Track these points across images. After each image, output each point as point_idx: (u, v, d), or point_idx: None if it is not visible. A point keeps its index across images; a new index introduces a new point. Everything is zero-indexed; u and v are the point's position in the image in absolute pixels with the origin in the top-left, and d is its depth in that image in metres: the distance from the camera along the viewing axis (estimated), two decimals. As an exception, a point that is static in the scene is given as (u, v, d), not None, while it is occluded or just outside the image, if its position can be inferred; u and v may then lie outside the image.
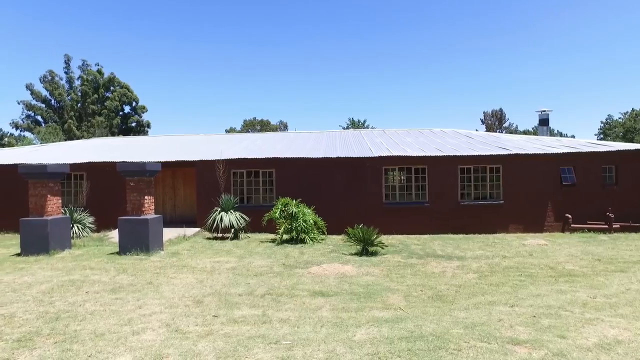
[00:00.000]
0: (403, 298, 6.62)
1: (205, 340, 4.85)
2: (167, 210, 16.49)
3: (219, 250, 11.12)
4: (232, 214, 12.93)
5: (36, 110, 51.13)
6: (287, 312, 5.91)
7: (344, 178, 14.57)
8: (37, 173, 10.70)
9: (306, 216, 12.36)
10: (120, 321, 5.51)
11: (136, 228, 10.27)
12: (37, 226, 10.46)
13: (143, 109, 56.78)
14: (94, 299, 6.52)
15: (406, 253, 10.65)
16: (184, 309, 6.04)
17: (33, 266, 9.13)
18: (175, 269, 8.70)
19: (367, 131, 23.57)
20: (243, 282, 7.62)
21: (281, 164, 14.74)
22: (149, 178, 10.78)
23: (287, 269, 8.76)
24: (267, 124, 71.93)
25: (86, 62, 53.92)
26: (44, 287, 7.26)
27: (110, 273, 8.33)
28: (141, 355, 4.42)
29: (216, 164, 14.36)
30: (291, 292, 6.93)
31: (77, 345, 4.70)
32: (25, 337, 5.01)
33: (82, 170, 15.30)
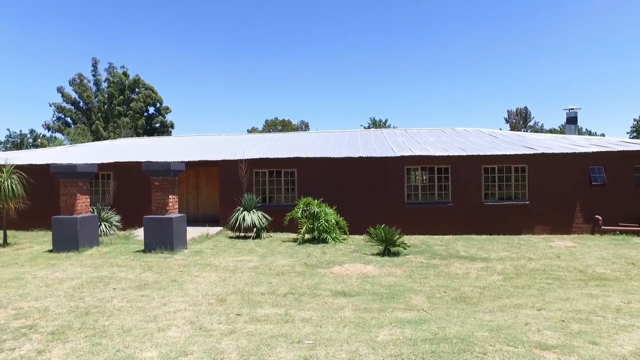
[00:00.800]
0: (426, 299, 6.54)
1: (229, 338, 4.90)
2: (190, 209, 16.75)
3: (242, 249, 11.23)
4: (254, 213, 13.04)
5: (66, 112, 52.78)
6: (309, 311, 5.92)
7: (366, 178, 14.51)
8: (68, 173, 11.03)
9: (328, 216, 12.36)
10: (146, 317, 5.62)
11: (161, 227, 10.47)
12: (68, 224, 10.80)
13: (167, 110, 57.90)
14: (121, 296, 6.68)
15: (429, 254, 10.52)
16: (207, 307, 6.13)
17: (64, 262, 9.42)
18: (198, 268, 8.83)
19: (389, 131, 23.41)
20: (265, 281, 7.67)
21: (303, 164, 14.79)
22: (173, 178, 10.98)
23: (309, 269, 8.78)
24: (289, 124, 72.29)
25: (112, 64, 55.27)
26: (74, 283, 7.48)
27: (136, 270, 8.52)
28: (167, 352, 4.50)
29: (238, 163, 14.52)
30: (313, 292, 6.94)
31: (105, 340, 4.83)
32: (58, 330, 5.17)
33: (109, 169, 15.70)
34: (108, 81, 54.08)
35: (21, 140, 54.88)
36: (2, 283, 7.55)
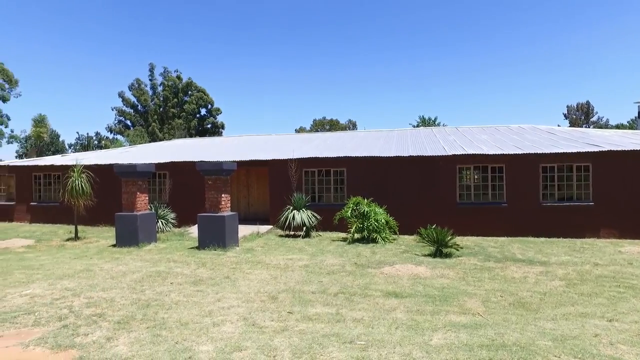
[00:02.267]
0: (481, 303, 6.29)
1: (281, 335, 4.96)
2: (241, 207, 17.18)
3: (292, 247, 11.37)
4: (304, 212, 13.15)
5: (126, 115, 55.90)
6: (360, 311, 5.88)
7: (416, 177, 14.21)
8: (129, 172, 11.66)
9: (378, 215, 12.22)
10: (201, 312, 5.82)
11: (214, 224, 10.81)
12: (129, 220, 11.42)
13: (218, 111, 59.78)
14: (178, 290, 6.96)
15: (482, 256, 10.13)
16: (259, 304, 6.24)
17: (126, 257, 9.98)
18: (250, 265, 9.03)
19: (440, 129, 22.80)
20: (316, 280, 7.71)
21: (352, 163, 14.73)
22: (225, 177, 11.30)
23: (360, 269, 8.72)
24: (336, 123, 72.37)
25: (167, 69, 57.81)
26: (135, 277, 7.89)
27: (191, 266, 8.85)
28: (222, 346, 4.63)
29: (288, 163, 14.71)
30: (364, 292, 6.89)
31: (165, 332, 5.05)
32: (123, 320, 5.48)
33: (165, 169, 16.42)
34: (163, 85, 56.68)
35: (88, 142, 58.79)
36: (75, 274, 8.13)
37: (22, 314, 5.77)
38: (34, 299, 6.48)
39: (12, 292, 6.84)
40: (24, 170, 18.77)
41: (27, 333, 5.09)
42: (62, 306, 6.09)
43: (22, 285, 7.35)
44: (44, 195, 18.49)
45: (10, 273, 8.33)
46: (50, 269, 8.71)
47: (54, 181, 18.20)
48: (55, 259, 9.90)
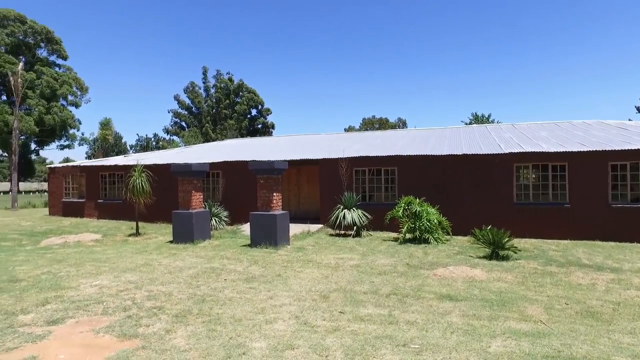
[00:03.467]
0: (544, 310, 5.92)
1: (333, 335, 4.94)
2: (291, 206, 17.38)
3: (342, 247, 11.33)
4: (355, 211, 13.08)
5: (181, 117, 58.36)
6: (413, 314, 5.73)
7: (470, 176, 13.69)
8: (185, 171, 12.14)
9: (430, 215, 11.90)
10: (254, 309, 5.92)
11: (265, 223, 10.99)
12: (185, 218, 11.89)
13: (268, 112, 60.95)
14: (231, 287, 7.13)
15: (543, 259, 9.56)
16: (311, 302, 6.26)
17: (182, 253, 10.39)
18: (301, 263, 9.09)
19: (495, 126, 21.84)
20: (367, 280, 7.62)
21: (403, 162, 14.45)
22: (276, 176, 11.46)
23: (412, 269, 8.53)
24: (386, 122, 71.49)
25: (219, 71, 59.73)
26: (191, 272, 8.19)
27: (244, 264, 9.05)
28: (274, 344, 4.67)
29: (338, 162, 14.69)
30: (417, 294, 6.72)
31: (220, 327, 5.18)
32: (180, 313, 5.70)
33: (219, 168, 16.94)
34: (215, 87, 58.61)
35: (147, 143, 62.09)
36: (137, 268, 8.58)
37: (93, 303, 6.17)
38: (102, 289, 6.90)
39: (84, 283, 7.34)
40: (93, 170, 20.12)
41: (97, 321, 5.43)
42: (126, 298, 6.43)
43: (92, 276, 7.86)
44: (109, 193, 19.72)
45: (82, 265, 8.94)
46: (115, 262, 9.25)
47: (117, 180, 19.36)
48: (119, 253, 10.50)
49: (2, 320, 5.51)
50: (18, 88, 28.64)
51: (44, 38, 51.61)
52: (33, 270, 8.48)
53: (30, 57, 50.09)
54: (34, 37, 50.87)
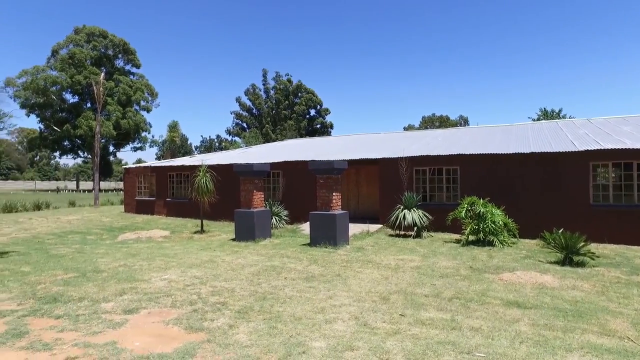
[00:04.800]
0: (630, 325, 5.39)
1: (393, 338, 4.84)
2: (350, 206, 17.34)
3: (402, 248, 11.12)
4: (415, 212, 12.79)
5: (242, 118, 60.38)
6: (478, 320, 5.47)
7: (539, 176, 12.86)
8: (246, 171, 12.52)
9: (495, 217, 11.33)
10: (314, 308, 5.95)
11: (325, 222, 11.05)
12: (246, 216, 12.26)
13: (326, 112, 61.35)
14: (291, 285, 7.24)
15: (627, 268, 8.74)
16: (371, 304, 6.19)
17: (244, 250, 10.73)
18: (360, 264, 9.03)
19: (566, 122, 20.35)
20: (428, 283, 7.41)
21: (466, 161, 13.90)
22: (336, 176, 11.48)
23: (475, 273, 8.17)
24: (446, 120, 69.32)
25: (279, 73, 61.11)
26: (252, 270, 8.43)
27: (304, 263, 9.15)
28: (334, 344, 4.67)
29: (398, 161, 14.43)
30: (481, 299, 6.41)
31: (280, 325, 5.27)
32: (242, 310, 5.87)
33: (278, 168, 17.30)
34: (275, 88, 59.98)
35: (210, 144, 64.96)
36: (202, 264, 8.98)
37: (163, 295, 6.54)
38: (171, 283, 7.30)
39: (155, 276, 7.81)
40: (162, 170, 21.40)
41: (167, 313, 5.75)
42: (192, 292, 6.75)
43: (161, 270, 8.34)
44: (177, 192, 20.86)
45: (153, 259, 9.53)
46: (182, 258, 9.75)
47: (184, 180, 20.43)
48: (186, 249, 11.05)
49: (89, 306, 6.02)
50: (100, 96, 31.22)
51: (121, 49, 55.89)
52: (112, 262, 9.17)
53: (110, 67, 54.47)
54: (113, 49, 55.25)
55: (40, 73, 49.14)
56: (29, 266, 8.91)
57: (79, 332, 5.05)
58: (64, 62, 50.67)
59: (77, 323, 5.34)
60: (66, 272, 8.23)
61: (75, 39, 52.47)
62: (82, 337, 4.89)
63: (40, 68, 50.04)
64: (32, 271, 8.38)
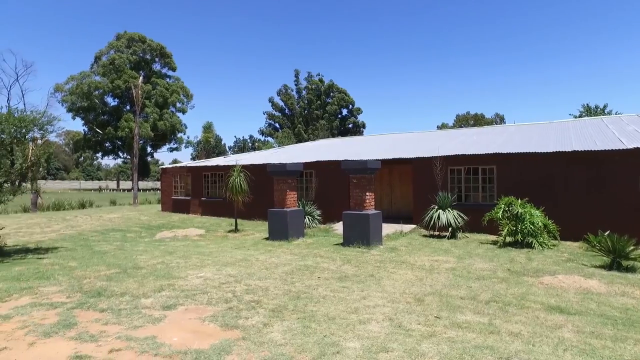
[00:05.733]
0: (686, 334, 5.06)
1: (429, 341, 4.75)
2: (384, 206, 17.19)
3: (437, 248, 10.92)
4: (450, 212, 12.52)
5: (275, 118, 61.03)
6: (517, 324, 5.29)
7: (582, 175, 12.30)
8: (280, 171, 12.63)
9: (534, 218, 10.93)
10: (347, 309, 5.93)
11: (358, 222, 11.00)
12: (280, 216, 12.37)
13: (358, 111, 61.13)
14: (325, 285, 7.24)
15: (680, 273, 8.22)
16: (405, 305, 6.10)
17: (277, 250, 10.83)
18: (394, 264, 8.93)
19: (613, 118, 19.39)
20: (464, 285, 7.23)
21: (503, 160, 13.48)
22: (369, 175, 11.40)
23: (514, 276, 7.90)
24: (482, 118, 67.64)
25: (310, 73, 61.32)
26: (286, 269, 8.49)
27: (337, 262, 9.14)
28: (368, 345, 4.63)
29: (433, 161, 14.17)
30: (520, 303, 6.20)
31: (314, 324, 5.27)
32: (276, 308, 5.92)
33: (311, 168, 17.36)
34: (307, 89, 60.27)
35: (243, 144, 66.08)
36: (236, 262, 9.14)
37: (199, 293, 6.69)
38: (206, 281, 7.46)
39: (191, 274, 8.00)
40: (197, 170, 21.94)
41: (203, 310, 5.88)
42: (227, 290, 6.87)
43: (197, 268, 8.54)
44: (211, 192, 21.32)
45: (189, 257, 9.78)
46: (217, 256, 9.94)
47: (218, 179, 20.85)
48: (220, 248, 11.27)
49: (130, 301, 6.24)
50: (138, 99, 32.40)
51: (158, 53, 57.74)
52: (150, 259, 9.48)
53: (147, 71, 56.35)
54: (151, 53, 57.18)
55: (86, 79, 51.52)
56: (75, 261, 9.35)
57: (122, 325, 5.24)
58: (105, 68, 52.88)
59: (120, 317, 5.55)
60: (109, 268, 8.57)
61: (116, 45, 54.62)
62: (124, 330, 5.08)
63: (86, 74, 52.48)
64: (78, 266, 8.78)
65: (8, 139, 9.85)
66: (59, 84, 52.13)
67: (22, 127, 9.89)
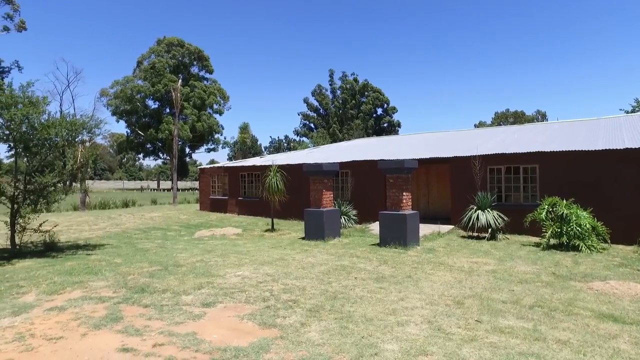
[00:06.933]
0: None
1: (470, 345, 4.62)
2: (420, 206, 16.90)
3: (476, 250, 10.62)
4: (489, 212, 12.15)
5: (310, 119, 61.33)
6: (565, 332, 5.05)
7: (635, 175, 11.60)
8: (316, 171, 12.67)
9: (581, 219, 10.41)
10: (385, 310, 5.86)
11: (395, 222, 10.86)
12: (316, 216, 12.41)
13: (393, 110, 60.47)
14: (362, 285, 7.19)
15: None
16: (444, 307, 5.97)
17: (313, 249, 10.86)
18: (432, 265, 8.76)
19: (668, 114, 18.20)
20: (506, 288, 6.99)
21: (546, 159, 12.93)
22: (406, 175, 11.24)
23: (559, 280, 7.56)
24: (522, 115, 65.39)
25: (345, 73, 61.22)
26: (322, 269, 8.49)
27: (373, 263, 9.06)
28: (406, 348, 4.55)
29: (471, 160, 13.79)
30: (568, 309, 5.92)
31: (351, 325, 5.24)
32: (314, 308, 5.93)
33: (347, 168, 17.30)
34: (341, 88, 60.21)
35: (279, 144, 66.76)
36: (273, 262, 9.23)
37: (237, 291, 6.80)
38: (244, 280, 7.58)
39: (229, 272, 8.16)
40: (234, 170, 22.37)
41: (241, 308, 5.97)
42: (264, 289, 6.95)
43: (235, 267, 8.70)
44: (248, 191, 21.68)
45: (227, 256, 9.97)
46: (254, 255, 10.09)
47: (254, 179, 21.17)
48: (257, 247, 11.43)
49: (172, 298, 6.44)
50: (177, 101, 33.41)
51: (196, 57, 59.40)
52: (190, 257, 9.74)
53: (186, 74, 58.09)
54: (189, 57, 58.89)
55: (129, 83, 53.75)
56: (120, 258, 9.75)
57: (164, 321, 5.41)
58: (146, 72, 54.93)
59: (162, 313, 5.73)
60: (151, 265, 8.88)
61: (156, 49, 56.60)
62: (166, 326, 5.24)
63: (129, 78, 54.75)
64: (123, 263, 9.15)
65: (61, 142, 10.42)
66: (105, 88, 54.80)
67: (73, 130, 10.43)
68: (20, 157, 10.56)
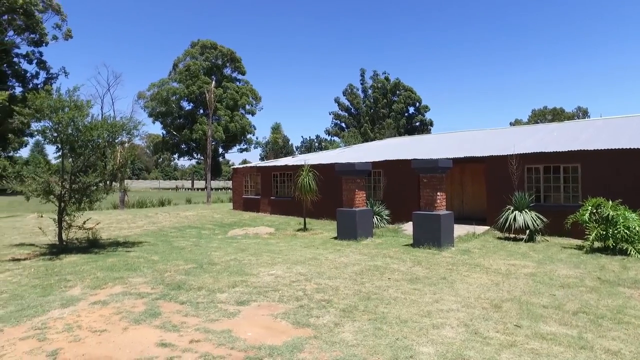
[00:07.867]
0: None
1: (509, 351, 4.47)
2: (454, 206, 16.54)
3: (513, 252, 10.29)
4: (527, 213, 11.73)
5: (341, 118, 61.28)
6: (614, 341, 4.80)
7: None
8: (348, 171, 12.62)
9: (629, 222, 9.87)
10: (419, 312, 5.76)
11: (428, 223, 10.67)
12: (348, 215, 12.36)
13: (426, 109, 59.59)
14: (395, 286, 7.10)
15: None
16: (481, 311, 5.81)
17: (346, 249, 10.82)
18: (467, 267, 8.55)
19: None
20: (546, 292, 6.73)
21: (589, 158, 12.37)
22: (440, 174, 11.02)
23: (606, 285, 7.21)
24: (561, 113, 62.97)
25: (376, 72, 60.82)
26: (355, 269, 8.45)
27: (407, 264, 8.93)
28: (443, 351, 4.45)
29: (508, 159, 13.36)
30: (617, 317, 5.62)
31: (385, 327, 5.18)
32: (347, 308, 5.91)
33: (379, 167, 17.14)
34: (373, 87, 59.83)
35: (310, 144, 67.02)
36: (306, 261, 9.26)
37: (270, 290, 6.86)
38: (278, 279, 7.63)
39: (263, 271, 8.24)
40: (266, 170, 22.61)
41: (275, 307, 6.02)
42: (297, 288, 6.97)
43: (268, 266, 8.78)
44: (280, 191, 21.86)
45: (260, 255, 10.09)
46: (287, 254, 10.15)
47: (287, 179, 21.32)
48: (290, 246, 11.50)
49: (207, 295, 6.57)
50: (211, 102, 34.16)
51: (228, 59, 60.48)
52: (224, 256, 9.91)
53: (219, 75, 59.26)
54: (222, 59, 60.05)
55: (164, 85, 55.41)
56: (157, 255, 10.04)
57: (200, 318, 5.53)
58: (181, 74, 56.43)
59: (198, 310, 5.85)
60: (186, 262, 9.09)
61: (191, 52, 58.03)
62: (202, 323, 5.35)
63: (165, 80, 56.44)
64: (160, 260, 9.42)
65: (103, 143, 10.87)
66: (142, 91, 56.68)
67: (113, 132, 10.86)
68: (66, 158, 11.08)
